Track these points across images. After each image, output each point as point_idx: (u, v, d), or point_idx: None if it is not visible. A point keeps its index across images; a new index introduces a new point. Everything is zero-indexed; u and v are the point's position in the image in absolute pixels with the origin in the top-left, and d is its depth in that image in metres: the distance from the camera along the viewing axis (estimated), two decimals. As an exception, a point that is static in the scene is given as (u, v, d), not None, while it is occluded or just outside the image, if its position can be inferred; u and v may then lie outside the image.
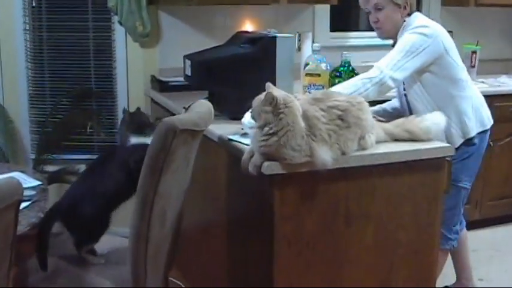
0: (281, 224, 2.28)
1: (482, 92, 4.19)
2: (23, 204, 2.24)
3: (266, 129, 2.16)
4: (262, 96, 2.18)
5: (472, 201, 4.17)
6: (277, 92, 2.19)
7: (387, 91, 2.77)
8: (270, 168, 2.18)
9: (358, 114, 2.29)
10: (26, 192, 2.33)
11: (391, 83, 2.70)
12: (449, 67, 2.83)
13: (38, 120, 4.21)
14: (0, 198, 1.43)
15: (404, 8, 2.87)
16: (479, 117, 2.92)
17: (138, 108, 2.58)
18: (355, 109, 2.29)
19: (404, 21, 2.87)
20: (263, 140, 2.17)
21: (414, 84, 2.88)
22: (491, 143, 4.31)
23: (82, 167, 4.12)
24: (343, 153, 2.27)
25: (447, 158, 2.52)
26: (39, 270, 2.35)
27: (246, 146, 2.39)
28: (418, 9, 3.05)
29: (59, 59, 4.18)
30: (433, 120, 2.56)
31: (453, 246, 3.07)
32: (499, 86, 4.53)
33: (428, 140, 2.52)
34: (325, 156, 2.18)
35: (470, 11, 4.91)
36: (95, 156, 4.11)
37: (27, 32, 4.10)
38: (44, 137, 4.05)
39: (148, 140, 2.30)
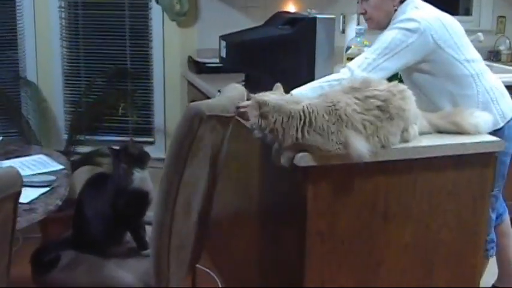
0: (314, 218, 2.14)
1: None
2: (41, 190, 2.15)
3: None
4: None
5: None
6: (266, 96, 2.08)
7: None
8: (304, 159, 2.04)
9: (400, 104, 2.11)
10: (46, 178, 2.27)
11: None
12: (445, 63, 2.51)
13: (72, 99, 4.14)
14: (-3, 189, 1.31)
15: None
16: None
17: (132, 141, 2.46)
18: (396, 99, 2.10)
19: (396, 10, 2.57)
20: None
21: (406, 84, 2.52)
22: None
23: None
24: (383, 147, 2.10)
25: (495, 154, 2.33)
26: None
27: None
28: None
29: (94, 37, 4.10)
30: (483, 118, 2.35)
31: (490, 255, 2.89)
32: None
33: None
34: (361, 147, 2.02)
35: (526, -5, 4.66)
36: (128, 139, 4.05)
37: (63, 9, 4.02)
38: (76, 118, 3.97)
39: (147, 181, 2.35)
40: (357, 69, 2.42)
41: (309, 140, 2.00)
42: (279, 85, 2.18)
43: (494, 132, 2.42)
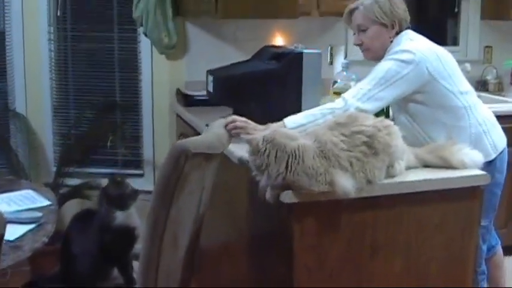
0: (301, 253, 2.14)
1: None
2: (28, 227, 2.14)
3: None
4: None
5: (508, 225, 3.97)
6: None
7: None
8: (288, 196, 2.05)
9: (386, 140, 2.12)
10: (32, 214, 2.26)
11: None
12: (439, 94, 2.52)
13: (62, 132, 4.13)
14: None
15: (392, 27, 2.59)
16: (481, 148, 2.52)
17: (119, 178, 2.46)
18: (382, 134, 2.12)
19: (392, 41, 2.60)
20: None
21: (400, 114, 2.64)
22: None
23: (105, 181, 4.03)
24: (369, 182, 2.11)
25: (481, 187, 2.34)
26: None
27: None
28: (456, 22, 2.78)
29: (84, 70, 4.11)
30: (472, 158, 2.36)
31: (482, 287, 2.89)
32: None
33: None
34: (347, 185, 2.03)
35: (511, 25, 4.68)
36: (117, 171, 4.04)
37: (52, 41, 4.03)
38: (65, 150, 3.96)
39: (132, 217, 2.35)
40: (351, 99, 2.43)
41: (297, 179, 2.00)
42: (269, 125, 2.21)
43: (486, 164, 2.43)
